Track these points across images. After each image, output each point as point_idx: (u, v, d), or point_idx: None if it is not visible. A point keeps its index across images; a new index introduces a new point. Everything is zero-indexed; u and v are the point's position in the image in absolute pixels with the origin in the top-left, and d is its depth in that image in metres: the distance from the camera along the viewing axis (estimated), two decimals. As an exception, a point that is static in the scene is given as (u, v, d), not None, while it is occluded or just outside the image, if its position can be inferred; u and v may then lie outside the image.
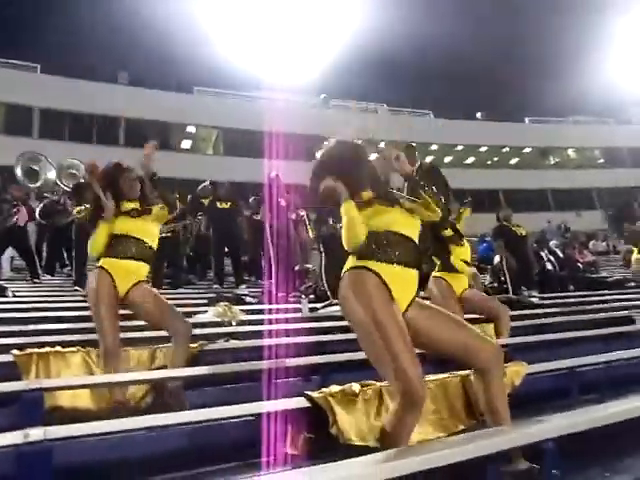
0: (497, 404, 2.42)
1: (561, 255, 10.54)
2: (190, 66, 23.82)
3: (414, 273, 2.44)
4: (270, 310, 6.25)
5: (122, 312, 3.80)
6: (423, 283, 3.30)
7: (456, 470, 1.96)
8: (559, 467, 2.20)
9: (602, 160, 32.54)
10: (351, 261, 2.47)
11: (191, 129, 25.86)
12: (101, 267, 3.67)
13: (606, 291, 9.24)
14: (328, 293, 6.48)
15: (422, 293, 3.55)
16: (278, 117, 23.93)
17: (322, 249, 6.73)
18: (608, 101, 29.31)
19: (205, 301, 6.53)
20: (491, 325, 4.89)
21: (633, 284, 10.26)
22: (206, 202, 8.98)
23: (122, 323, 4.02)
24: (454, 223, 4.99)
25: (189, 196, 9.61)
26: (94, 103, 21.99)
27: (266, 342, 4.33)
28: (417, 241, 2.47)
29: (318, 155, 2.66)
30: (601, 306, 7.24)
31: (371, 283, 2.33)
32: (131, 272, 3.69)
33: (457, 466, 1.92)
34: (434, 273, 4.97)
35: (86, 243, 3.83)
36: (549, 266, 9.52)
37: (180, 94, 24.33)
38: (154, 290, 3.88)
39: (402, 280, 2.39)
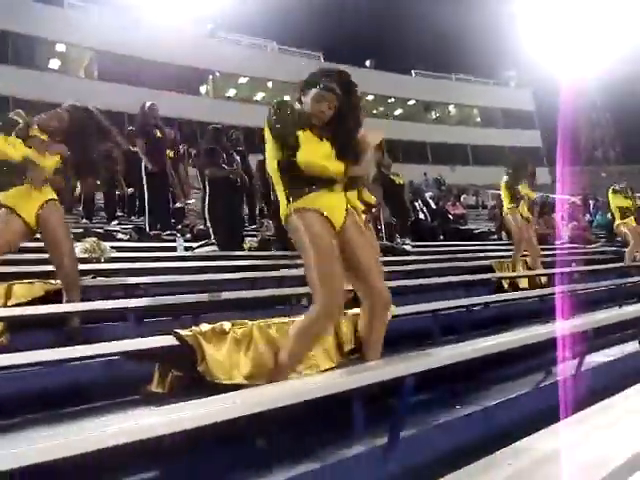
0: (373, 339, 2.62)
1: (434, 207, 11.10)
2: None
3: (338, 192, 2.58)
4: (143, 248, 6.00)
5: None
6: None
7: (326, 405, 2.02)
8: (416, 400, 2.36)
9: (479, 119, 34.42)
10: (285, 207, 2.55)
11: (61, 47, 23.43)
12: None
13: (472, 242, 9.93)
14: (210, 231, 6.30)
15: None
16: (161, 44, 22.53)
17: (206, 186, 6.47)
18: (489, 62, 30.79)
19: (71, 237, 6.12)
20: None
21: (496, 236, 11.13)
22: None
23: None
24: None
25: None
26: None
27: (136, 280, 4.17)
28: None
29: None
30: (466, 255, 7.77)
31: (314, 220, 2.49)
32: None
33: (327, 400, 1.97)
34: None
35: None
36: (422, 216, 10.01)
37: (49, 6, 21.76)
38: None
39: (332, 202, 2.55)
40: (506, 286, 6.01)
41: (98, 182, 7.34)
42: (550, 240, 10.05)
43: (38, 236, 3.74)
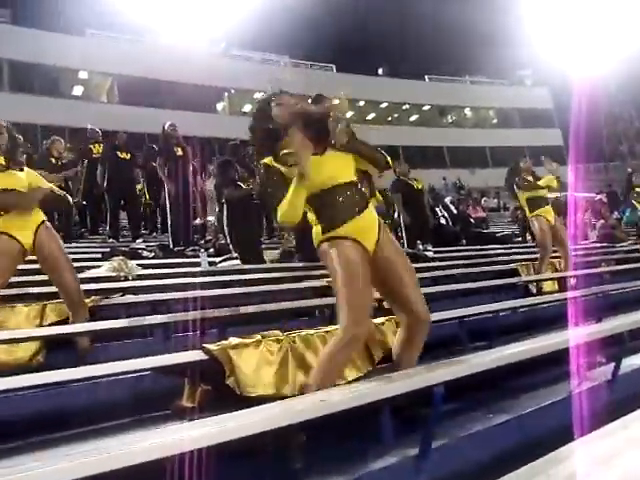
0: (414, 354, 2.62)
1: (455, 211, 11.03)
2: (78, 6, 21.76)
3: (367, 213, 2.55)
4: (167, 264, 6.07)
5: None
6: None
7: (356, 416, 2.01)
8: (446, 409, 2.33)
9: (495, 120, 34.20)
10: (318, 235, 2.53)
11: (83, 75, 24.09)
12: None
13: (495, 245, 9.82)
14: (230, 246, 6.36)
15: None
16: (177, 65, 22.93)
17: (223, 201, 6.54)
18: (503, 62, 30.59)
19: (99, 255, 6.23)
20: None
21: (519, 239, 11.00)
22: (95, 149, 8.45)
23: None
24: None
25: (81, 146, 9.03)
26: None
27: (163, 297, 4.22)
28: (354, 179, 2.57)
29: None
30: (490, 259, 7.69)
31: (344, 246, 2.46)
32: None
33: (356, 410, 1.97)
34: None
35: None
36: (443, 221, 9.95)
37: (70, 36, 22.41)
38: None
39: (363, 226, 2.52)
40: (534, 289, 5.92)
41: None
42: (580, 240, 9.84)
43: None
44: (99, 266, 5.35)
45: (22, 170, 3.65)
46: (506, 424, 2.55)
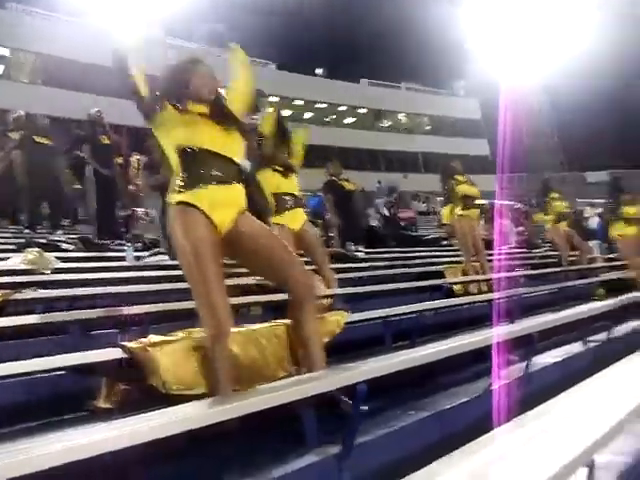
0: (311, 347, 2.54)
1: (386, 213, 11.26)
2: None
3: (235, 188, 2.47)
4: (89, 258, 5.83)
5: None
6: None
7: (277, 415, 2.00)
8: (369, 406, 2.36)
9: (429, 127, 35.17)
10: (173, 193, 2.43)
11: (4, 52, 22.62)
12: None
13: (423, 248, 10.10)
14: (161, 240, 6.16)
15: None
16: (108, 49, 21.95)
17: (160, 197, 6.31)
18: (437, 72, 31.51)
19: (14, 247, 5.90)
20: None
21: (446, 242, 11.36)
22: (14, 135, 7.96)
23: None
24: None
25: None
26: None
27: (82, 292, 4.04)
28: (236, 158, 2.50)
29: None
30: (418, 261, 7.89)
31: (192, 221, 2.35)
32: None
33: (277, 410, 1.95)
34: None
35: None
36: (374, 223, 10.13)
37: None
38: None
39: (222, 198, 2.41)
40: (457, 291, 6.13)
41: None
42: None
43: None
44: (13, 258, 5.06)
45: None
46: (426, 420, 2.61)
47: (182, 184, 2.41)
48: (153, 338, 2.59)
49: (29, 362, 2.53)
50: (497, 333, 3.13)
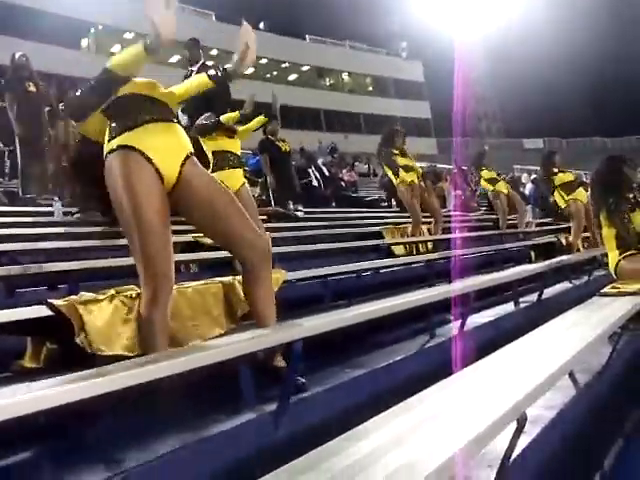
0: (261, 306, 2.41)
1: (327, 173, 11.22)
2: None
3: (175, 127, 2.28)
4: (15, 213, 5.53)
5: None
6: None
7: (212, 372, 1.96)
8: (306, 365, 2.36)
9: (371, 88, 35.10)
10: (107, 144, 2.21)
11: None
12: None
13: (363, 209, 10.17)
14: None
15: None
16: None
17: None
18: (382, 31, 31.34)
19: None
20: None
21: (385, 204, 11.49)
22: None
23: None
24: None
25: None
26: None
27: (7, 247, 3.82)
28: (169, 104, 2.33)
29: None
30: (358, 222, 7.94)
31: (134, 166, 2.13)
32: None
33: (211, 368, 1.91)
34: None
35: None
36: (315, 183, 10.08)
37: None
38: None
39: (163, 139, 2.21)
40: (397, 252, 6.22)
41: None
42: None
43: None
44: None
45: None
46: (361, 378, 2.65)
47: (114, 129, 2.19)
48: (83, 295, 2.48)
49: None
50: (434, 292, 3.19)
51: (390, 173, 6.77)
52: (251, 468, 1.95)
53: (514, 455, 1.64)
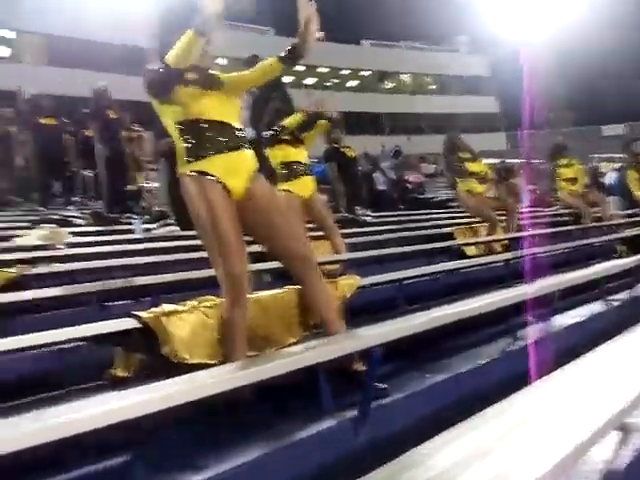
0: (325, 313, 2.58)
1: (393, 177, 11.14)
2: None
3: (244, 153, 2.47)
4: (100, 232, 5.84)
5: None
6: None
7: (288, 379, 1.99)
8: (384, 370, 2.36)
9: (434, 87, 34.58)
10: (184, 165, 2.44)
11: (10, 34, 22.48)
12: None
13: (432, 210, 10.01)
14: (168, 212, 6.17)
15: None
16: (111, 26, 21.63)
17: (162, 166, 6.30)
18: (440, 29, 30.77)
19: (28, 224, 5.94)
20: (327, 242, 5.03)
21: (455, 204, 11.23)
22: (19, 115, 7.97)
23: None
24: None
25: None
26: None
27: (94, 265, 4.05)
28: (235, 124, 2.49)
29: None
30: (427, 224, 7.82)
31: (207, 187, 2.38)
32: None
33: (288, 376, 1.94)
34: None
35: None
36: (381, 187, 10.04)
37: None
38: None
39: (234, 164, 2.43)
40: (469, 253, 6.07)
41: None
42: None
43: None
44: (27, 234, 5.10)
45: None
46: (443, 383, 2.60)
47: (190, 155, 2.42)
48: (166, 307, 2.59)
49: (47, 333, 2.53)
50: (514, 294, 3.09)
51: (457, 180, 6.67)
52: (331, 477, 1.97)
53: (616, 467, 1.53)
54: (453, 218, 8.65)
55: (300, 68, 29.79)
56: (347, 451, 2.13)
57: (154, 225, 6.17)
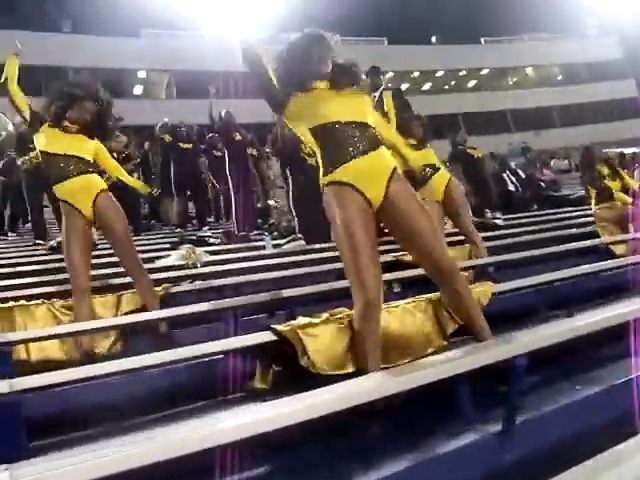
0: (470, 321, 2.53)
1: (523, 175, 10.57)
2: (134, 8, 22.29)
3: (378, 154, 2.44)
4: (233, 249, 6.14)
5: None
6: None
7: (430, 390, 1.94)
8: (529, 380, 2.21)
9: (561, 77, 32.53)
10: (323, 176, 2.48)
11: (142, 74, 24.84)
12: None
13: (570, 208, 9.33)
14: (296, 228, 6.35)
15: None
16: (228, 56, 22.94)
17: (290, 181, 6.52)
18: (561, 14, 28.81)
19: (168, 245, 6.40)
20: (467, 248, 4.92)
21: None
22: (167, 139, 8.66)
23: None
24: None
25: (146, 143, 9.33)
26: (39, 54, 20.72)
27: (231, 281, 4.26)
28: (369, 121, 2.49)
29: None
30: (565, 223, 7.31)
31: (345, 197, 2.37)
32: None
33: (427, 387, 1.89)
34: None
35: (37, 192, 3.66)
36: (511, 187, 9.56)
37: (127, 38, 23.13)
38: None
39: (368, 169, 2.40)
40: (618, 252, 5.53)
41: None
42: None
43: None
44: (168, 255, 5.48)
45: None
46: (595, 396, 2.39)
47: (327, 164, 2.44)
48: (301, 320, 2.64)
49: (188, 348, 2.69)
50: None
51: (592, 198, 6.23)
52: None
53: None
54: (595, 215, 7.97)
55: (415, 75, 29.54)
56: (492, 470, 2.02)
57: (282, 241, 6.37)
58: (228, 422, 1.60)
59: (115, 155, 7.94)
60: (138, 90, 25.15)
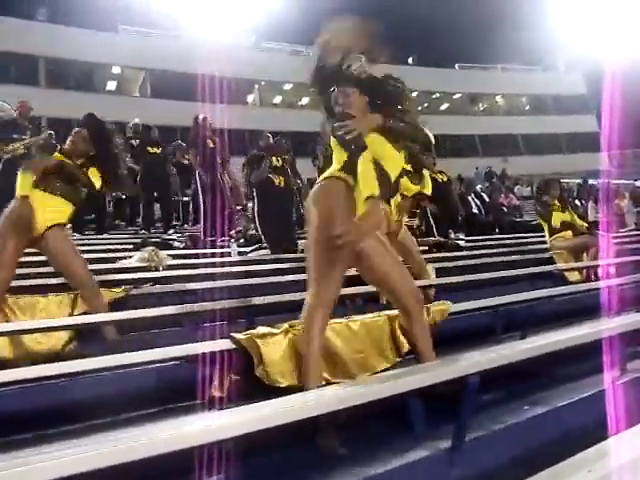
0: (420, 345, 2.58)
1: (487, 199, 10.83)
2: (114, 3, 22.02)
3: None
4: (198, 254, 6.10)
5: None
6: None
7: (379, 406, 1.96)
8: (480, 401, 2.26)
9: (528, 107, 33.46)
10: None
11: (117, 70, 24.48)
12: None
13: (529, 234, 9.58)
14: (262, 237, 6.37)
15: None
16: (208, 58, 22.86)
17: (254, 195, 6.56)
18: (535, 48, 29.76)
19: (131, 247, 6.32)
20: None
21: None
22: (134, 144, 8.59)
23: (43, 269, 3.86)
24: None
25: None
26: (10, 41, 20.21)
27: (192, 286, 4.23)
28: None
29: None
30: (523, 248, 7.51)
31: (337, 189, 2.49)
32: None
33: (379, 403, 1.91)
34: None
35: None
36: (475, 210, 9.78)
37: (104, 33, 22.76)
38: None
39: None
40: (571, 278, 5.72)
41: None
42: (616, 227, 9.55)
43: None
44: (131, 257, 5.41)
45: None
46: (542, 417, 2.46)
47: None
48: (261, 330, 2.64)
49: (145, 352, 2.66)
50: (617, 323, 2.88)
51: (545, 228, 6.43)
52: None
53: None
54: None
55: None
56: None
57: (248, 249, 6.36)
58: (178, 429, 1.58)
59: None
60: (111, 86, 24.69)
